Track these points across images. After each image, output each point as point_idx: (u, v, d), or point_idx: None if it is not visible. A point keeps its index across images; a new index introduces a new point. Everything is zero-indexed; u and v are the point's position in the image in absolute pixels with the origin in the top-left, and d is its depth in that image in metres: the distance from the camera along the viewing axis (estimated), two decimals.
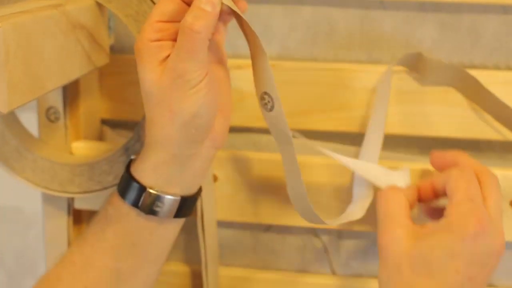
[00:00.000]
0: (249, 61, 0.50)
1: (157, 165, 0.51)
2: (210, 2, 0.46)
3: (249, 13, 0.51)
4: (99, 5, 0.58)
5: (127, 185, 0.52)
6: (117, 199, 0.53)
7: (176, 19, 0.48)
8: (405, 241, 0.49)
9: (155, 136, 0.50)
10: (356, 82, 0.61)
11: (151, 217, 0.52)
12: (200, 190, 0.55)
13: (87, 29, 0.56)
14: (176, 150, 0.50)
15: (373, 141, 0.58)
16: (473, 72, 0.59)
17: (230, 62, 0.55)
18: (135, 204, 0.52)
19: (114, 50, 0.66)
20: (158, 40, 0.48)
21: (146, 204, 0.51)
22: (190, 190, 0.53)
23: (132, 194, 0.52)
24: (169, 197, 0.51)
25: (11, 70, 0.45)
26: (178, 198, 0.52)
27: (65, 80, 0.54)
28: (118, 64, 0.65)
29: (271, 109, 0.49)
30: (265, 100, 0.49)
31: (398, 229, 0.50)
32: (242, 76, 0.60)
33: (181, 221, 0.54)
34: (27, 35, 0.47)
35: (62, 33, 0.52)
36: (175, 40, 0.47)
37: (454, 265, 0.47)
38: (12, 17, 0.47)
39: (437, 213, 0.53)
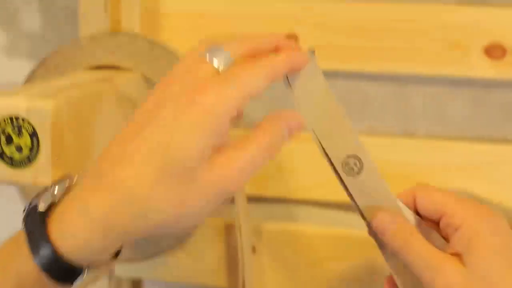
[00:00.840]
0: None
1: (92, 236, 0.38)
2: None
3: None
4: (146, 78, 0.61)
5: (50, 260, 0.38)
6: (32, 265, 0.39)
7: None
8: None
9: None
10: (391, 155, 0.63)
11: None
12: None
13: (133, 102, 0.59)
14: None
15: None
16: (506, 147, 0.60)
17: None
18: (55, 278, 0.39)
19: None
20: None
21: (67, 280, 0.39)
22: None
23: (56, 271, 0.39)
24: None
25: (61, 144, 0.47)
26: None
27: None
28: None
29: (358, 172, 0.45)
30: (350, 165, 0.45)
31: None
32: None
33: None
34: (78, 110, 0.50)
35: (111, 107, 0.56)
36: None
37: None
38: (64, 91, 0.50)
39: None
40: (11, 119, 0.47)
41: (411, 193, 0.46)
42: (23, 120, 0.47)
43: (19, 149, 0.47)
